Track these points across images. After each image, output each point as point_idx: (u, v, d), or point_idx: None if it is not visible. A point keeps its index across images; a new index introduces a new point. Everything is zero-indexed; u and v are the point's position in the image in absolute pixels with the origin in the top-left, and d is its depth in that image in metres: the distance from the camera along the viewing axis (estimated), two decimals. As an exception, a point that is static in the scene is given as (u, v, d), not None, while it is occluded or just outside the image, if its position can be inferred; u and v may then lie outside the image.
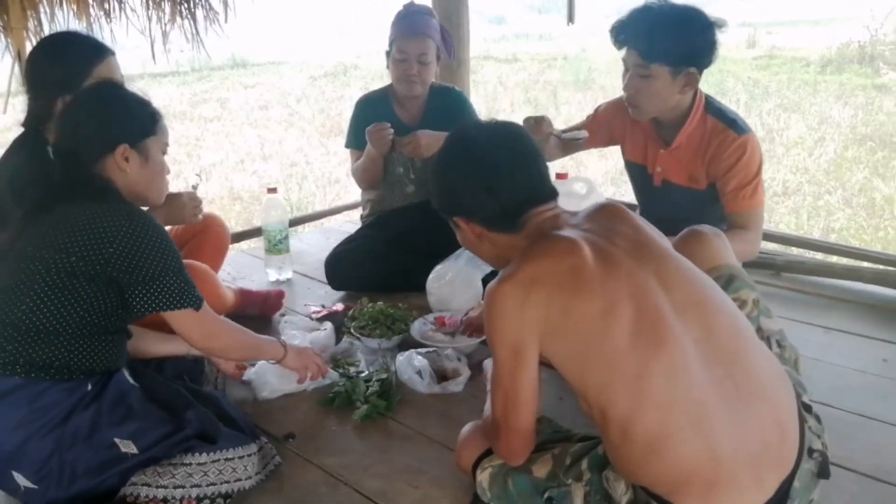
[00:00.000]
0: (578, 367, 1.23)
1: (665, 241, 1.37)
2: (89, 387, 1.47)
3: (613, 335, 1.18)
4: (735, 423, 1.15)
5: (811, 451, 1.23)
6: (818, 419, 1.32)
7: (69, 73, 1.85)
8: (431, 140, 2.48)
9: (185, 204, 2.03)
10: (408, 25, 2.58)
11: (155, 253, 1.45)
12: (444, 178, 1.44)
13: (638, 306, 1.20)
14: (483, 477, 1.44)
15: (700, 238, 1.60)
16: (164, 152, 1.65)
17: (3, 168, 1.86)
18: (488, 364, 1.87)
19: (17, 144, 1.91)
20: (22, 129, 1.93)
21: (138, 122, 1.58)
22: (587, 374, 1.22)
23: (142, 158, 1.57)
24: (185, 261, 1.56)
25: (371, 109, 2.71)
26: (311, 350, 1.91)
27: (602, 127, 2.36)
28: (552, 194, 1.40)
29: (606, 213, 1.37)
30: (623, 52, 2.02)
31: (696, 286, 1.28)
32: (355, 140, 2.73)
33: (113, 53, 1.95)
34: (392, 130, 2.51)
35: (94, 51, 1.93)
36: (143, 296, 1.45)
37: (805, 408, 1.29)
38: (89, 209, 1.45)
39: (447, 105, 2.69)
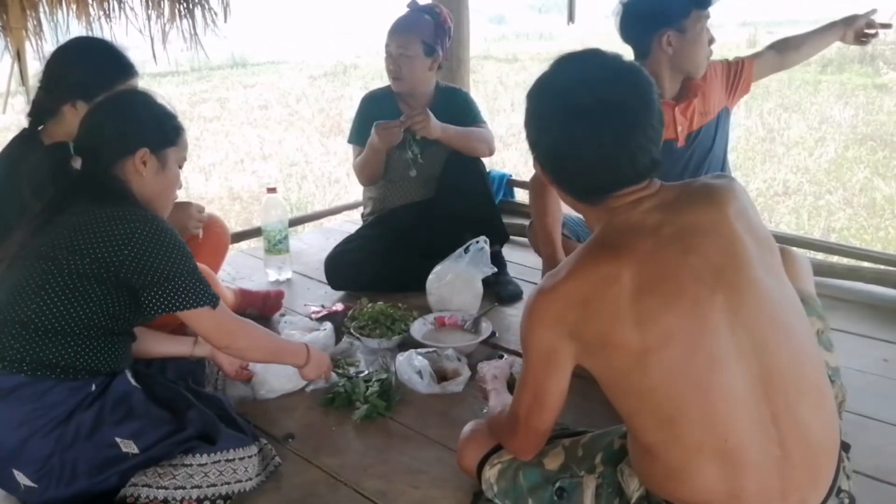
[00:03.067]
0: (611, 390, 1.19)
1: (758, 252, 1.16)
2: (93, 387, 1.47)
3: (652, 376, 1.10)
4: (767, 468, 1.10)
5: (839, 491, 1.18)
6: (848, 458, 1.26)
7: (88, 80, 1.84)
8: (440, 124, 2.50)
9: (191, 215, 2.09)
10: (395, 23, 2.60)
11: (168, 255, 1.46)
12: (532, 120, 1.24)
13: (690, 350, 1.09)
14: (491, 473, 1.44)
15: (787, 257, 1.48)
16: (181, 165, 1.67)
17: (15, 165, 1.85)
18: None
19: (17, 142, 1.90)
20: (23, 126, 1.92)
21: (162, 130, 1.61)
22: (620, 400, 1.18)
23: (159, 165, 1.59)
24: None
25: (376, 106, 2.70)
26: (327, 357, 1.87)
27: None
28: (649, 171, 1.19)
29: (705, 202, 1.17)
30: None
31: (770, 324, 1.13)
32: (358, 136, 2.72)
33: (137, 74, 1.93)
34: (402, 126, 2.50)
35: (121, 69, 1.91)
36: (159, 296, 1.45)
37: (843, 447, 1.23)
38: (104, 212, 1.46)
39: (452, 105, 2.68)
